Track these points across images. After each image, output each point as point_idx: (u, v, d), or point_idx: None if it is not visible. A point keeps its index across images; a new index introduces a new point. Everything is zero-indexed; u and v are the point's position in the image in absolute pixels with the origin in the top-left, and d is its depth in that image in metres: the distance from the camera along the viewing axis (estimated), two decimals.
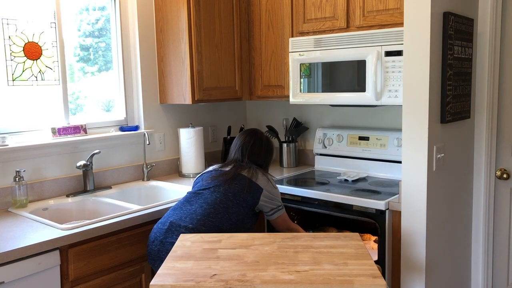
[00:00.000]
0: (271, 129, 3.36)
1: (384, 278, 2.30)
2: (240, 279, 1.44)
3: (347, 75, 2.69)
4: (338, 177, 2.90)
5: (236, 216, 2.13)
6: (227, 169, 2.29)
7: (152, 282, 1.45)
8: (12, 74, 2.50)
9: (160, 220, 2.17)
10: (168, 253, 1.99)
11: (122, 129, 2.99)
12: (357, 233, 1.87)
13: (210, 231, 2.04)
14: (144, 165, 2.99)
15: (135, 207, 2.35)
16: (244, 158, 2.35)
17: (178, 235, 2.01)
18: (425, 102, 2.17)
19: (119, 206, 2.42)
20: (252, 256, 1.64)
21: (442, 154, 2.30)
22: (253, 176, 2.24)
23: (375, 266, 1.54)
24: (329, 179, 2.90)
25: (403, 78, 2.24)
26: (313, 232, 2.37)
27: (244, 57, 3.21)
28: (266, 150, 2.43)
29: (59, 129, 2.64)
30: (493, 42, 2.58)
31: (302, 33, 2.91)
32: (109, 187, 2.80)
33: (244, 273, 1.49)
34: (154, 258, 2.08)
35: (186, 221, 2.06)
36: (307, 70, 2.83)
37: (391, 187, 2.64)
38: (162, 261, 2.03)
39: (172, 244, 2.00)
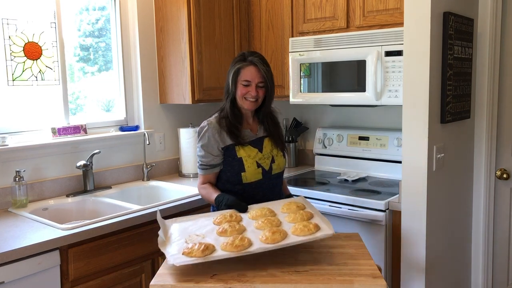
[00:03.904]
0: None
1: (384, 278, 2.30)
2: (240, 279, 1.44)
3: (347, 75, 2.69)
4: (338, 177, 2.90)
5: None
6: None
7: (152, 282, 1.45)
8: (12, 74, 2.50)
9: None
10: None
11: (122, 129, 2.99)
12: (357, 233, 1.87)
13: None
14: (144, 165, 2.99)
15: (135, 207, 2.35)
16: None
17: None
18: (425, 102, 2.17)
19: (119, 206, 2.42)
20: (252, 256, 1.63)
21: (442, 154, 2.30)
22: None
23: (375, 266, 1.54)
24: (329, 179, 2.90)
25: (403, 78, 2.24)
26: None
27: None
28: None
29: (59, 129, 2.64)
30: (493, 42, 2.58)
31: (302, 33, 2.91)
32: (109, 187, 2.80)
33: (244, 273, 1.49)
34: None
35: None
36: (307, 70, 2.83)
37: (391, 187, 2.64)
38: None
39: None
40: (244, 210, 1.86)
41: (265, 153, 2.08)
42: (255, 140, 2.09)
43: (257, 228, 1.64)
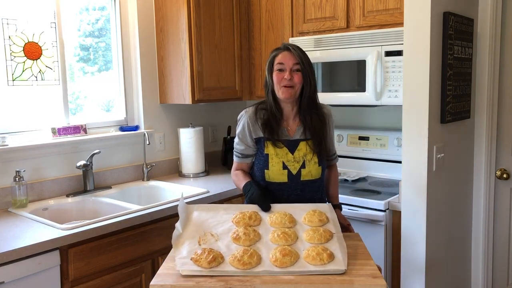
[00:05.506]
0: None
1: (384, 278, 2.30)
2: (240, 279, 1.44)
3: (347, 75, 2.69)
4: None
5: None
6: None
7: (152, 282, 1.44)
8: (12, 74, 2.50)
9: None
10: None
11: (122, 129, 2.99)
12: (357, 233, 1.87)
13: None
14: (144, 165, 2.99)
15: (135, 207, 2.35)
16: None
17: None
18: (425, 102, 2.17)
19: (119, 206, 2.42)
20: None
21: (442, 154, 2.30)
22: None
23: (375, 266, 1.54)
24: None
25: (403, 78, 2.24)
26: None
27: (244, 57, 3.21)
28: None
29: (59, 129, 2.64)
30: (493, 42, 2.58)
31: (302, 33, 2.91)
32: (109, 187, 2.80)
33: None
34: None
35: None
36: None
37: (391, 187, 2.64)
38: None
39: None
40: (266, 209, 1.79)
41: (296, 156, 1.92)
42: (287, 141, 1.94)
43: (271, 241, 1.62)
